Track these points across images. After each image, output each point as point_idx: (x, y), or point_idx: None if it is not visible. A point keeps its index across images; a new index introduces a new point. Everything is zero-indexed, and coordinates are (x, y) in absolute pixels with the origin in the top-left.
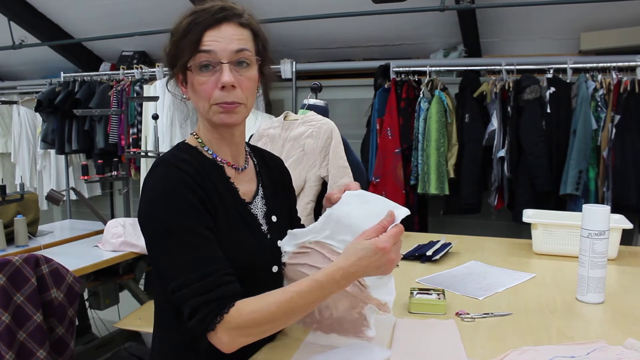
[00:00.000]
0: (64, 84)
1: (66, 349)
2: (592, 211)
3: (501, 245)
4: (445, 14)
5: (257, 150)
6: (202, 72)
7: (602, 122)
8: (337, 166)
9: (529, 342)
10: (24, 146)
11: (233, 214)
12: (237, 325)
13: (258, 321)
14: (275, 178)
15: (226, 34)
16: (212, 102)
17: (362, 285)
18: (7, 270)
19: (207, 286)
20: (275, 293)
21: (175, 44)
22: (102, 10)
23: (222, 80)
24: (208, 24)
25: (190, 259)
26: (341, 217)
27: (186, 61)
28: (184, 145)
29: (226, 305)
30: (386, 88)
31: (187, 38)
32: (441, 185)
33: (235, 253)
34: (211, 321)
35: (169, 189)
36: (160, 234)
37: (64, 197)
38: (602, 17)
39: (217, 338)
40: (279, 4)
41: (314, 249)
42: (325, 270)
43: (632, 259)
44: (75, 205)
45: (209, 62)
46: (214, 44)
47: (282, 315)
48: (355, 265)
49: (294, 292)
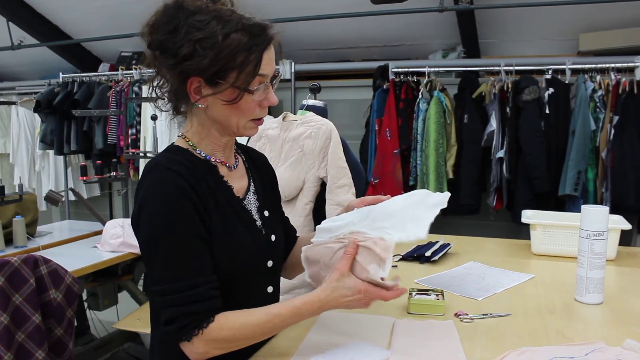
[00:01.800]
0: (63, 85)
1: (65, 350)
2: (590, 212)
3: (500, 246)
4: (444, 15)
5: (242, 148)
6: (252, 93)
7: (601, 123)
8: (336, 167)
9: (528, 342)
10: (23, 147)
11: (228, 212)
12: (215, 339)
13: (236, 337)
14: (263, 174)
15: (272, 55)
16: (251, 117)
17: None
18: (5, 270)
19: (190, 298)
20: (258, 313)
21: (217, 55)
22: (100, 10)
23: (271, 100)
24: (265, 47)
25: (178, 267)
26: (386, 207)
27: (246, 83)
28: (175, 148)
29: (205, 320)
30: (385, 89)
31: (245, 57)
32: (440, 185)
33: (233, 250)
34: (188, 332)
35: (164, 194)
36: (152, 238)
37: (62, 197)
38: (601, 18)
39: (192, 347)
40: (278, 4)
41: (346, 239)
42: (305, 298)
43: (631, 259)
44: (74, 206)
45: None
46: (267, 68)
47: (259, 335)
48: (336, 301)
49: (274, 315)
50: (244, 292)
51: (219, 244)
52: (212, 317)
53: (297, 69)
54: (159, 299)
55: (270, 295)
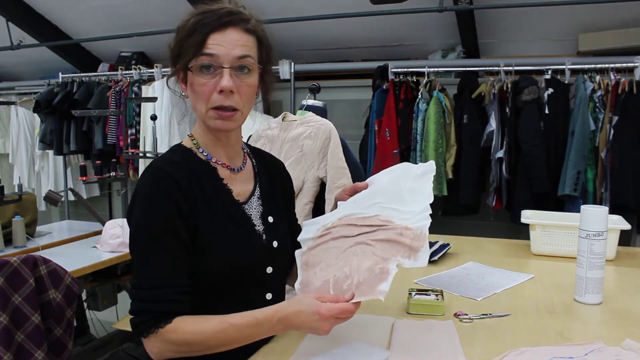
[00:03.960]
0: (62, 85)
1: (64, 350)
2: (590, 212)
3: (499, 246)
4: (444, 15)
5: (257, 152)
6: (203, 74)
7: (600, 123)
8: (335, 167)
9: (527, 343)
10: (22, 147)
11: (222, 215)
12: (168, 340)
13: (190, 342)
14: (275, 180)
15: (231, 38)
16: (209, 105)
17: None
18: (5, 271)
19: (153, 297)
20: (213, 320)
21: (179, 42)
22: (100, 10)
23: (221, 84)
24: (214, 27)
25: (149, 266)
26: (371, 187)
27: (188, 61)
28: (178, 148)
29: (164, 321)
30: (384, 89)
31: (192, 38)
32: (439, 186)
33: (224, 252)
34: (145, 329)
35: (149, 194)
36: (135, 235)
37: (62, 197)
38: (600, 18)
39: (148, 345)
40: (278, 4)
41: (337, 226)
42: (265, 310)
43: (630, 259)
44: (74, 206)
45: (210, 65)
46: (217, 47)
47: (216, 344)
48: (293, 315)
49: (230, 324)
50: (239, 297)
51: (207, 246)
52: (170, 319)
53: (296, 69)
54: (129, 291)
55: (270, 303)
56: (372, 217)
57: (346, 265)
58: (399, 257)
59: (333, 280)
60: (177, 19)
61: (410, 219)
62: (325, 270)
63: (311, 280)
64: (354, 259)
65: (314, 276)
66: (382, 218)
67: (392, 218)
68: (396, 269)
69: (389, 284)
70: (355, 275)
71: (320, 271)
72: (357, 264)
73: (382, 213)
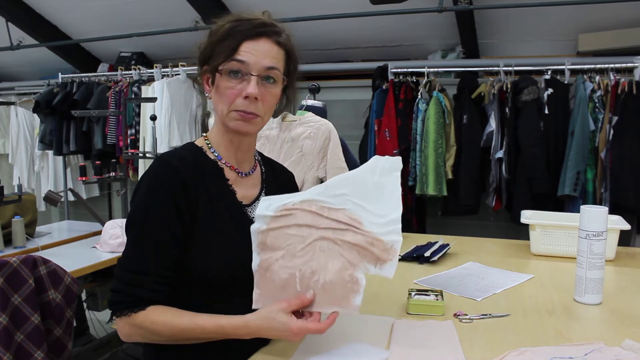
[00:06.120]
0: (62, 85)
1: (64, 350)
2: (589, 212)
3: (499, 246)
4: (443, 15)
5: (268, 161)
6: (231, 78)
7: (600, 124)
8: (335, 167)
9: (527, 343)
10: (22, 147)
11: (223, 215)
12: (139, 325)
13: (157, 332)
14: (282, 189)
15: (262, 48)
16: (232, 108)
17: (359, 229)
18: (4, 271)
19: (134, 281)
20: (184, 317)
21: (212, 44)
22: (100, 11)
23: (247, 90)
24: (248, 35)
25: (137, 251)
26: (340, 175)
27: (218, 64)
28: (189, 145)
29: (138, 306)
30: (384, 89)
31: (225, 43)
32: (439, 186)
33: (222, 250)
34: (119, 309)
35: (151, 185)
36: (131, 218)
37: (61, 198)
38: (600, 19)
39: (119, 325)
40: (278, 4)
41: (299, 209)
42: (233, 320)
43: (630, 260)
44: (73, 207)
45: (239, 71)
46: (248, 55)
47: (181, 339)
48: (264, 331)
49: (198, 326)
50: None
51: (206, 242)
52: (144, 307)
53: None
54: (115, 270)
55: None
56: (338, 211)
57: (312, 261)
58: (365, 263)
59: (299, 275)
60: (177, 19)
61: (380, 228)
62: (290, 261)
63: (273, 268)
64: (321, 255)
65: (276, 263)
66: (349, 214)
67: (360, 218)
68: (365, 281)
69: (362, 296)
70: (322, 274)
71: (284, 260)
72: (324, 261)
73: (348, 208)
